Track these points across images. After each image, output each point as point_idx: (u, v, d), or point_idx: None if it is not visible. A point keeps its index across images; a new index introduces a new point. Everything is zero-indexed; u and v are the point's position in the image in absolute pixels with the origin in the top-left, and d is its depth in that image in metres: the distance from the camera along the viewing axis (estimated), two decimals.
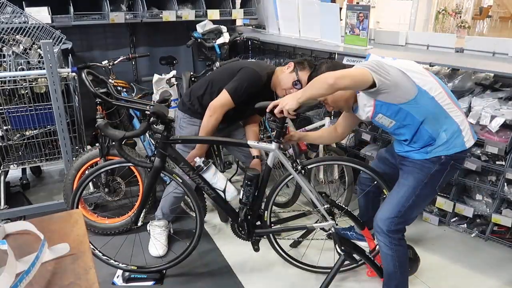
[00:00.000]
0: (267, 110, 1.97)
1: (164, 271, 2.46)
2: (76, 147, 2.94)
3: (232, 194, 2.23)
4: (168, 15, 3.86)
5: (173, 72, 3.26)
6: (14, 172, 3.40)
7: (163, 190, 3.35)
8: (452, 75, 2.86)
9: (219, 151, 3.24)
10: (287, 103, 1.85)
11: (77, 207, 2.27)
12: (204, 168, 2.17)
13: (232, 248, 2.68)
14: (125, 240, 2.59)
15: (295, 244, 2.68)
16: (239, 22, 4.86)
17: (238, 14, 4.26)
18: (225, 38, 3.73)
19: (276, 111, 1.90)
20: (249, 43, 4.02)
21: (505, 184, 2.57)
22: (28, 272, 1.00)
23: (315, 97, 1.84)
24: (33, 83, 2.66)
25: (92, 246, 2.34)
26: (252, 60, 3.73)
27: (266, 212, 2.26)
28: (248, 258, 2.57)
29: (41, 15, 3.24)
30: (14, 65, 2.71)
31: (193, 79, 3.26)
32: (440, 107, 1.85)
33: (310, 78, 2.01)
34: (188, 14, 3.94)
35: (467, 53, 3.12)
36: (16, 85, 2.63)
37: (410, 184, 1.93)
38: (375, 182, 2.25)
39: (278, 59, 3.79)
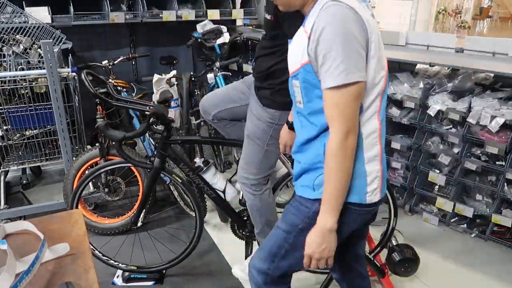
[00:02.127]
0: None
1: (164, 271, 2.46)
2: (76, 147, 2.94)
3: (232, 195, 2.23)
4: (168, 15, 3.86)
5: (173, 72, 3.26)
6: (14, 172, 3.40)
7: (163, 190, 3.36)
8: (452, 75, 2.87)
9: (219, 151, 3.24)
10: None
11: (77, 207, 2.27)
12: (204, 169, 2.17)
13: (232, 248, 2.68)
14: (125, 240, 2.59)
15: None
16: (239, 22, 4.86)
17: (238, 14, 4.26)
18: (225, 38, 3.72)
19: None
20: (249, 43, 4.02)
21: (505, 184, 2.57)
22: (28, 272, 1.00)
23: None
24: (33, 83, 2.66)
25: (92, 246, 2.34)
26: None
27: None
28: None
29: (41, 15, 3.24)
30: (14, 65, 2.71)
31: (193, 79, 3.26)
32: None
33: None
34: (188, 14, 3.94)
35: (467, 53, 3.12)
36: (16, 85, 2.63)
37: None
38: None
39: None
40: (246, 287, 2.37)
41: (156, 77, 3.17)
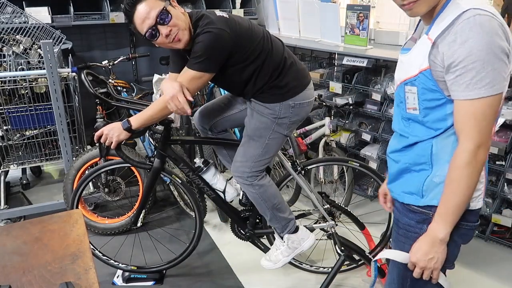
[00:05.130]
0: None
1: (164, 271, 2.46)
2: (76, 147, 2.95)
3: (232, 195, 2.23)
4: None
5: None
6: (14, 172, 3.40)
7: (163, 190, 3.37)
8: None
9: None
10: None
11: (77, 207, 2.27)
12: (204, 169, 2.17)
13: (232, 248, 2.68)
14: (125, 240, 2.59)
15: None
16: None
17: (238, 14, 4.26)
18: None
19: None
20: None
21: (505, 184, 2.57)
22: None
23: None
24: (33, 83, 2.66)
25: (92, 246, 2.34)
26: None
27: None
28: (248, 258, 2.57)
29: (41, 15, 3.24)
30: (14, 65, 2.71)
31: None
32: None
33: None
34: None
35: None
36: (16, 85, 2.63)
37: None
38: None
39: None
40: (246, 287, 2.38)
41: (156, 77, 3.17)
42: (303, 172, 2.20)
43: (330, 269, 2.20)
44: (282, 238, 2.12)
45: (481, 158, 1.12)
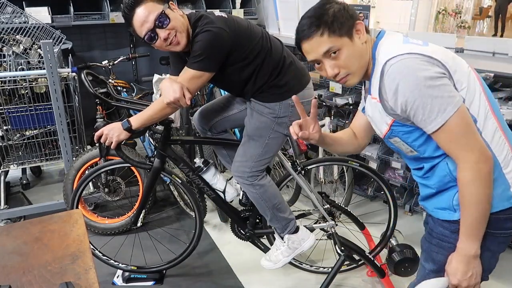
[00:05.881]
0: None
1: (164, 271, 2.46)
2: (76, 147, 2.95)
3: (232, 195, 2.23)
4: None
5: None
6: (14, 172, 3.40)
7: (163, 190, 3.36)
8: None
9: None
10: None
11: (77, 207, 2.27)
12: (204, 169, 2.17)
13: (232, 248, 2.68)
14: (125, 240, 2.59)
15: None
16: None
17: (238, 14, 4.26)
18: None
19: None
20: None
21: None
22: None
23: None
24: (33, 83, 2.66)
25: (92, 246, 2.34)
26: None
27: None
28: (248, 258, 2.57)
29: (41, 15, 3.24)
30: (14, 65, 2.71)
31: None
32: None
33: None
34: None
35: (467, 53, 3.11)
36: (16, 85, 2.63)
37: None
38: None
39: None
40: (246, 287, 2.38)
41: (156, 77, 3.17)
42: (303, 172, 2.20)
43: (330, 269, 2.20)
44: (282, 238, 2.12)
45: (485, 170, 1.12)
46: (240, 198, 2.26)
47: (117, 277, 2.44)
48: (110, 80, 3.00)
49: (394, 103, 1.15)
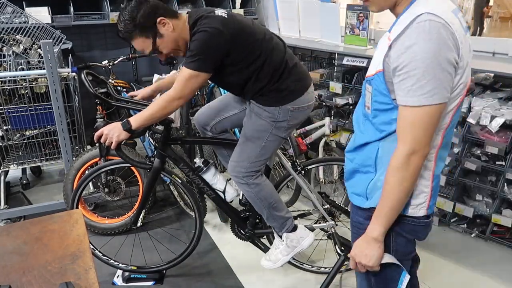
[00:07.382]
0: None
1: (164, 271, 2.46)
2: (76, 147, 2.95)
3: (232, 195, 2.23)
4: None
5: (173, 72, 3.26)
6: (14, 172, 3.40)
7: (163, 190, 3.36)
8: None
9: None
10: None
11: (77, 207, 2.27)
12: (204, 169, 2.17)
13: (232, 248, 2.68)
14: (125, 240, 2.59)
15: None
16: None
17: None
18: None
19: None
20: None
21: (505, 184, 2.57)
22: None
23: None
24: (33, 83, 2.66)
25: (92, 246, 2.34)
26: None
27: None
28: (248, 258, 2.57)
29: (41, 15, 3.24)
30: (14, 65, 2.71)
31: None
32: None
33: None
34: None
35: None
36: (16, 85, 2.63)
37: None
38: None
39: None
40: (246, 287, 2.38)
41: (156, 77, 3.17)
42: (303, 172, 2.20)
43: (330, 269, 2.20)
44: (281, 237, 2.12)
45: (414, 164, 1.12)
46: (240, 198, 2.27)
47: (117, 277, 2.44)
48: (110, 80, 3.00)
49: (397, 56, 1.08)
